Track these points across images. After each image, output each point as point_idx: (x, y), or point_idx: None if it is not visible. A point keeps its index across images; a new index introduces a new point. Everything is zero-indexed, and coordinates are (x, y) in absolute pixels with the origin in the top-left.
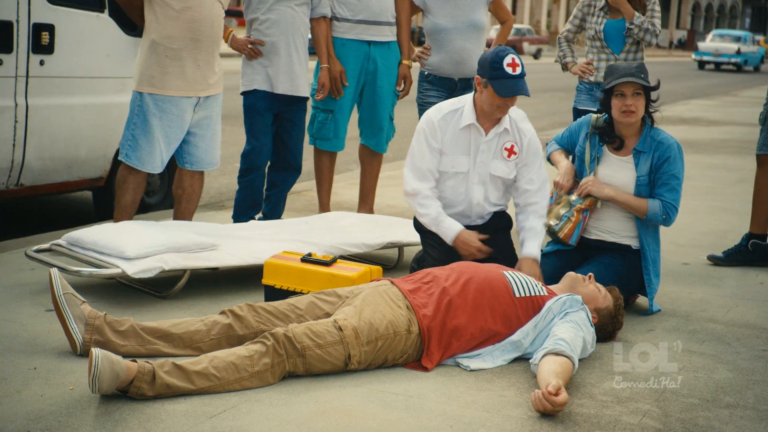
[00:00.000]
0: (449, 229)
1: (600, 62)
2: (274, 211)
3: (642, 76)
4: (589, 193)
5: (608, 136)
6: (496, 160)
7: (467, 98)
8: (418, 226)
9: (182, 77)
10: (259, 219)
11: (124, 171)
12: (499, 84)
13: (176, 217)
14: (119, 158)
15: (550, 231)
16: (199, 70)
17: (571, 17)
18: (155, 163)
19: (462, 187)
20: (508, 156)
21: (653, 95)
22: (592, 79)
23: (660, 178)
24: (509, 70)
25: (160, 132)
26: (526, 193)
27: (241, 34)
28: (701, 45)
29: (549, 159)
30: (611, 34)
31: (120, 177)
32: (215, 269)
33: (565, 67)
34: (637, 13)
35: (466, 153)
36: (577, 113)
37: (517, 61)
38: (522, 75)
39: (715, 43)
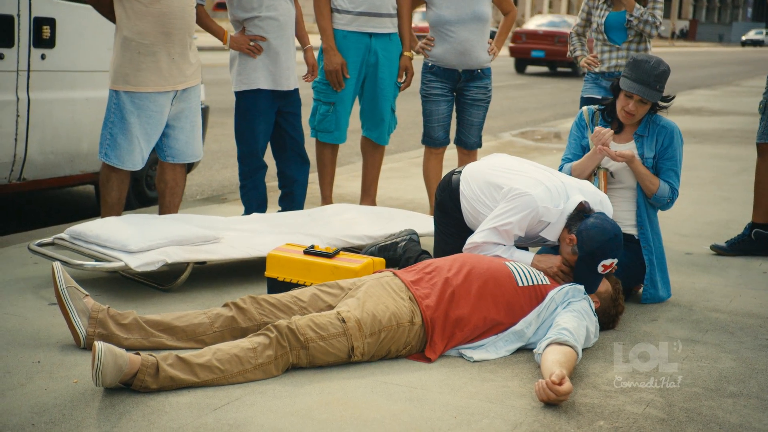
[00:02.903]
0: (522, 259)
1: (603, 54)
2: (297, 207)
3: (657, 87)
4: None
5: (610, 116)
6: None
7: (567, 210)
8: (438, 216)
9: (157, 72)
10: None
11: (107, 170)
12: (582, 269)
13: (161, 212)
14: (99, 158)
15: None
16: (174, 63)
17: (579, 11)
18: (135, 161)
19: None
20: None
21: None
22: (596, 69)
23: (665, 164)
24: (600, 269)
25: (139, 129)
26: None
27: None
28: None
29: (571, 173)
30: (613, 26)
31: (103, 176)
32: (218, 262)
33: (576, 60)
34: (637, 5)
35: (529, 236)
36: (584, 101)
37: (615, 264)
38: (605, 274)
39: None
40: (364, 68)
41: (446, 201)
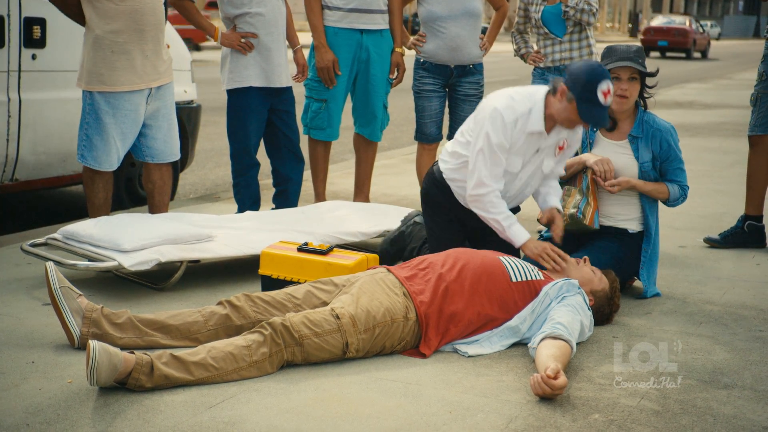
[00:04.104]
0: (517, 236)
1: (546, 48)
2: (291, 205)
3: (640, 60)
4: (610, 182)
5: None
6: (548, 158)
7: (538, 96)
8: (425, 210)
9: (132, 70)
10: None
11: (90, 172)
12: (586, 109)
13: (152, 212)
14: (77, 159)
15: (574, 220)
16: (148, 60)
17: (517, 9)
18: (112, 161)
19: (507, 183)
20: (558, 152)
21: (650, 80)
22: (542, 65)
23: (671, 165)
24: (601, 98)
25: (115, 129)
26: (552, 174)
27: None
28: None
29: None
30: (550, 20)
31: (87, 178)
32: (212, 260)
33: (522, 58)
34: None
35: (524, 154)
36: None
37: (612, 88)
38: (609, 104)
39: None
40: (355, 65)
41: (431, 188)
